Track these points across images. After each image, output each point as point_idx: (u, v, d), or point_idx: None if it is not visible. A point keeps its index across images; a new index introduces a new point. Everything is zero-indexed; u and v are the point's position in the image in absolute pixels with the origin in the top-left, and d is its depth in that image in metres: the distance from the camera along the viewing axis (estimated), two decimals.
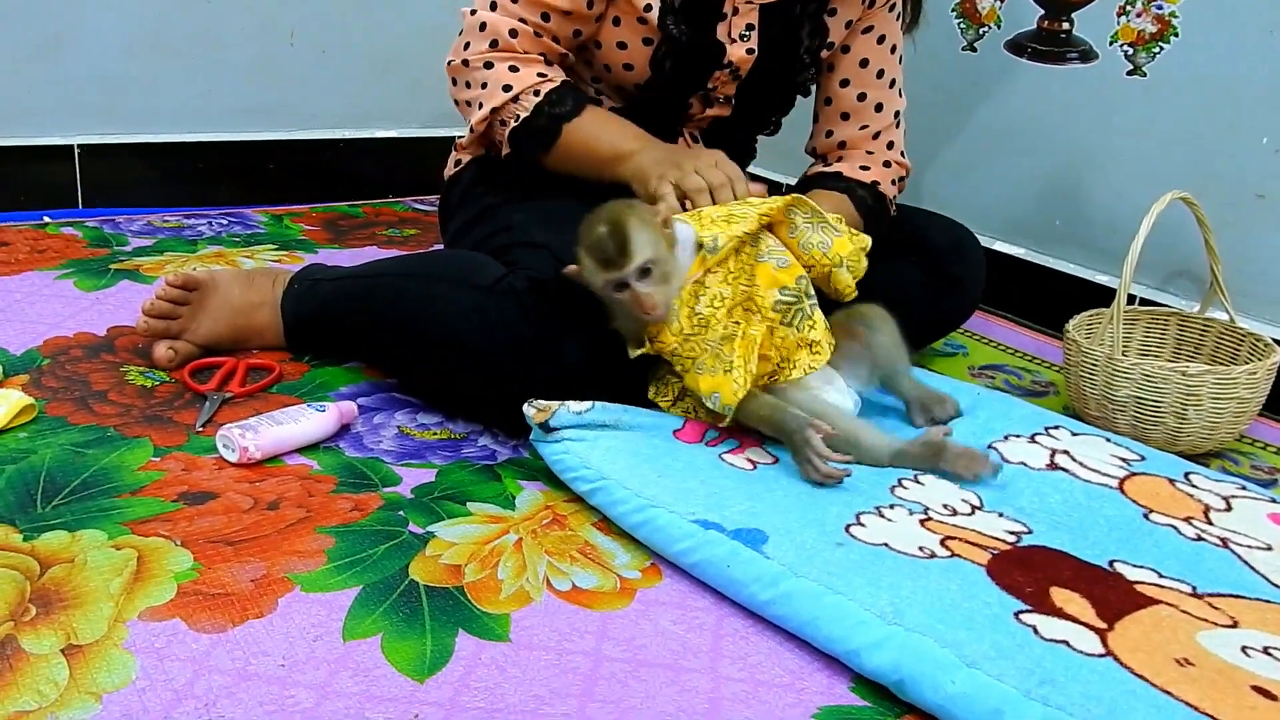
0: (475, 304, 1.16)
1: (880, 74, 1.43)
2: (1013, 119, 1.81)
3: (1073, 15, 1.70)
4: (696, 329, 1.09)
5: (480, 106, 1.31)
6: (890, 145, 1.46)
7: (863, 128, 1.44)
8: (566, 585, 0.93)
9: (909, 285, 1.43)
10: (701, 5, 1.31)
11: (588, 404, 1.09)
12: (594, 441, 1.07)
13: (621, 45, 1.33)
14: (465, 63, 1.31)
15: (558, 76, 1.30)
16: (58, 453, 1.08)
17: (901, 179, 1.48)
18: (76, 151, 1.93)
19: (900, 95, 1.46)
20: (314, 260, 1.76)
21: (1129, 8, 1.62)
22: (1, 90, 1.86)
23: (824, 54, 1.41)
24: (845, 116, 1.44)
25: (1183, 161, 1.59)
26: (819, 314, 1.14)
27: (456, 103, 1.37)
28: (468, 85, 1.33)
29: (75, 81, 1.91)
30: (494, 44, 1.29)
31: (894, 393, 1.25)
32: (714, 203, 1.16)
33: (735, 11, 1.32)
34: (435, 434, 1.20)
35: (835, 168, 1.44)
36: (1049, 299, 1.76)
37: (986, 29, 1.82)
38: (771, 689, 0.82)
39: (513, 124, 1.29)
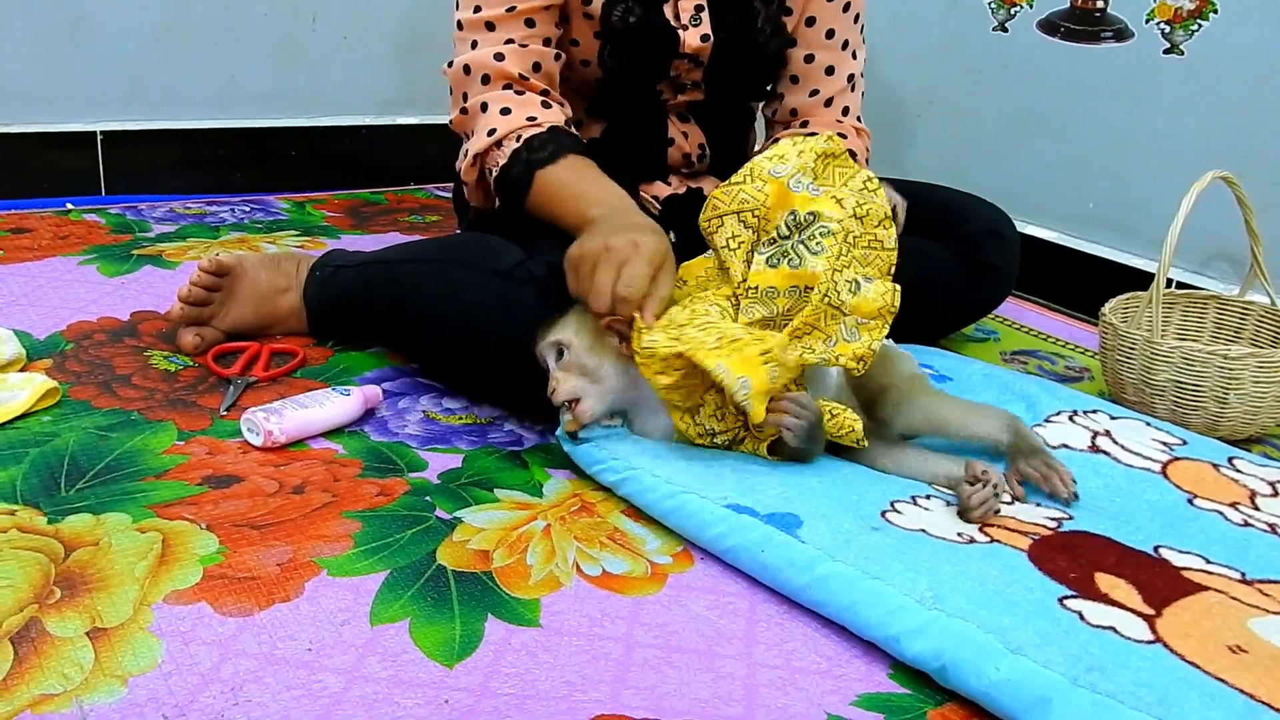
0: (494, 289, 1.14)
1: (830, 34, 1.35)
2: (1045, 100, 1.78)
3: None
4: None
5: (466, 154, 1.24)
6: (845, 111, 1.38)
7: (813, 93, 1.37)
8: (596, 570, 0.91)
9: (942, 269, 1.40)
10: None
11: (617, 421, 1.07)
12: (621, 438, 1.05)
13: (574, 42, 1.29)
14: (464, 111, 1.24)
15: (549, 119, 1.21)
16: (81, 436, 1.07)
17: (866, 149, 1.40)
18: (99, 138, 1.92)
19: (854, 57, 1.38)
20: (336, 246, 1.75)
21: None
22: (25, 76, 1.85)
23: (787, 22, 1.34)
24: (795, 80, 1.37)
25: (1221, 141, 1.56)
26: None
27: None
28: (469, 135, 1.25)
29: (98, 68, 1.91)
30: (485, 79, 1.22)
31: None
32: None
33: None
34: (460, 419, 1.18)
35: None
36: (1082, 283, 1.73)
37: (1018, 9, 1.79)
38: (808, 675, 0.80)
39: (494, 173, 1.21)
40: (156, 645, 0.77)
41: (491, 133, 1.20)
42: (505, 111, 1.21)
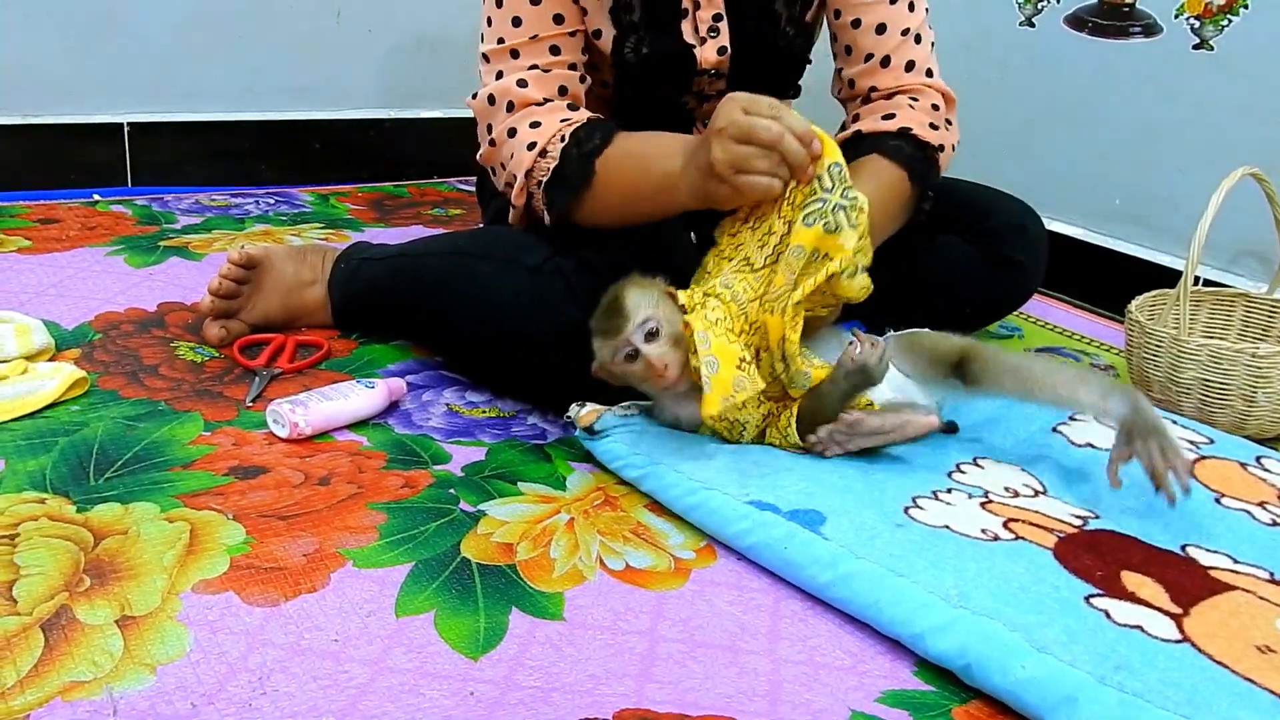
0: (522, 284, 1.14)
1: (884, 29, 1.24)
2: (1072, 95, 1.77)
3: None
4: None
5: (515, 180, 1.18)
6: (910, 66, 1.24)
7: (868, 57, 1.24)
8: (620, 565, 0.91)
9: (966, 264, 1.39)
10: (660, 11, 1.23)
11: (633, 409, 1.07)
12: (641, 431, 1.05)
13: (593, 67, 1.27)
14: (492, 143, 1.20)
15: (583, 116, 1.17)
16: (109, 426, 1.07)
17: (938, 107, 1.25)
18: (125, 130, 1.94)
19: (912, 10, 1.25)
20: (360, 239, 1.76)
21: None
22: (53, 68, 1.87)
23: (807, 17, 1.29)
24: (849, 51, 1.26)
25: (1251, 137, 1.54)
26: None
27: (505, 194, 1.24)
28: (502, 167, 1.20)
29: (125, 59, 1.92)
30: (510, 107, 1.18)
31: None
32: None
33: (697, 6, 1.23)
34: (484, 412, 1.19)
35: (853, 127, 1.25)
36: (1107, 280, 1.72)
37: (1045, 4, 1.78)
38: (833, 671, 0.80)
39: (546, 179, 1.15)
40: (184, 634, 0.78)
41: (531, 146, 1.15)
42: (535, 125, 1.17)
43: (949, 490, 1.00)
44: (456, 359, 1.29)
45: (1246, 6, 1.53)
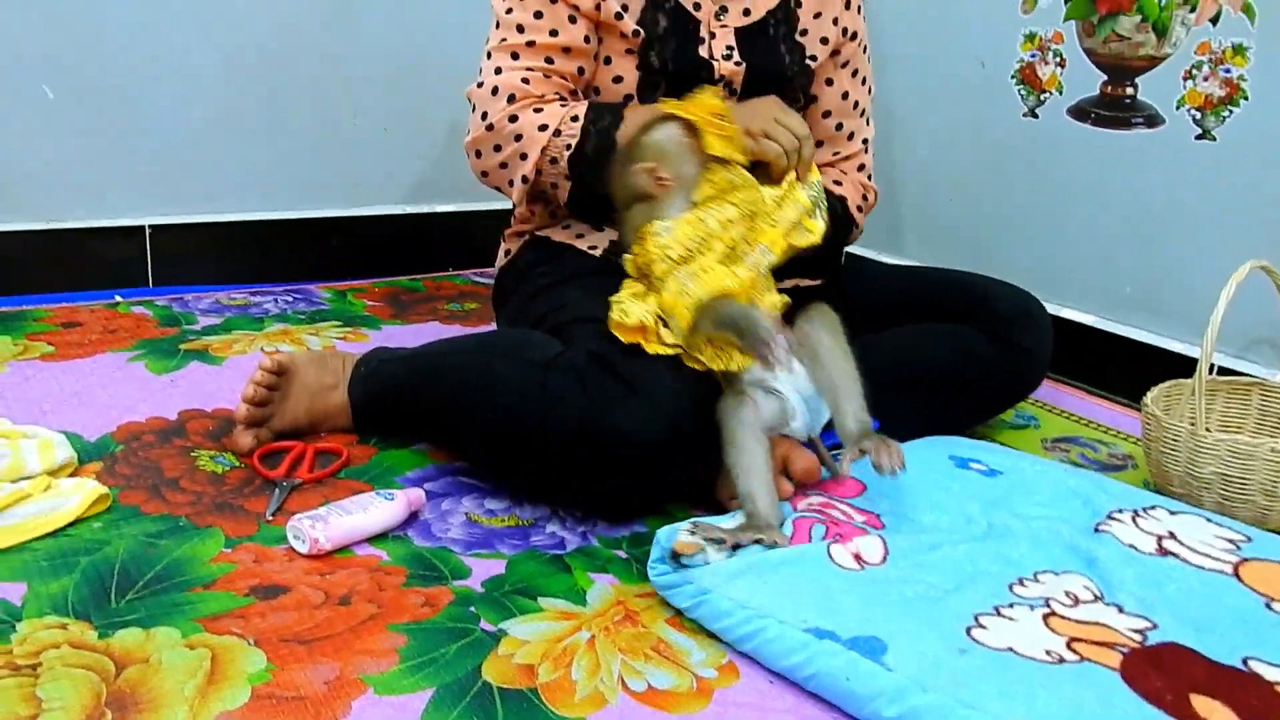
0: (536, 380, 1.16)
1: (855, 105, 1.53)
2: (1078, 184, 1.79)
3: (1136, 80, 1.68)
4: (683, 254, 1.15)
5: (524, 158, 1.33)
6: (861, 168, 1.56)
7: (835, 154, 1.54)
8: (642, 686, 0.91)
9: (975, 354, 1.40)
10: (683, 31, 1.38)
11: (723, 555, 1.03)
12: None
13: (617, 79, 1.38)
14: (490, 127, 1.34)
15: (581, 104, 1.33)
16: (131, 544, 1.08)
17: (866, 199, 1.55)
18: (147, 231, 1.97)
19: (869, 124, 1.56)
20: (378, 337, 1.78)
21: (1195, 72, 1.60)
22: (74, 172, 1.91)
23: (812, 65, 1.47)
24: (820, 144, 1.50)
25: (1256, 225, 1.56)
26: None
27: (486, 174, 1.40)
28: (497, 149, 1.35)
29: (145, 162, 1.96)
30: (511, 98, 1.33)
31: (834, 417, 1.15)
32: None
33: (713, 36, 1.39)
34: (503, 520, 1.19)
35: None
36: (1121, 366, 1.72)
37: (1048, 95, 1.81)
38: None
39: (566, 155, 1.31)
40: None
41: (543, 127, 1.31)
42: (539, 111, 1.32)
43: (1011, 605, 0.98)
44: (475, 457, 1.30)
45: (1247, 98, 1.55)
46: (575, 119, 1.31)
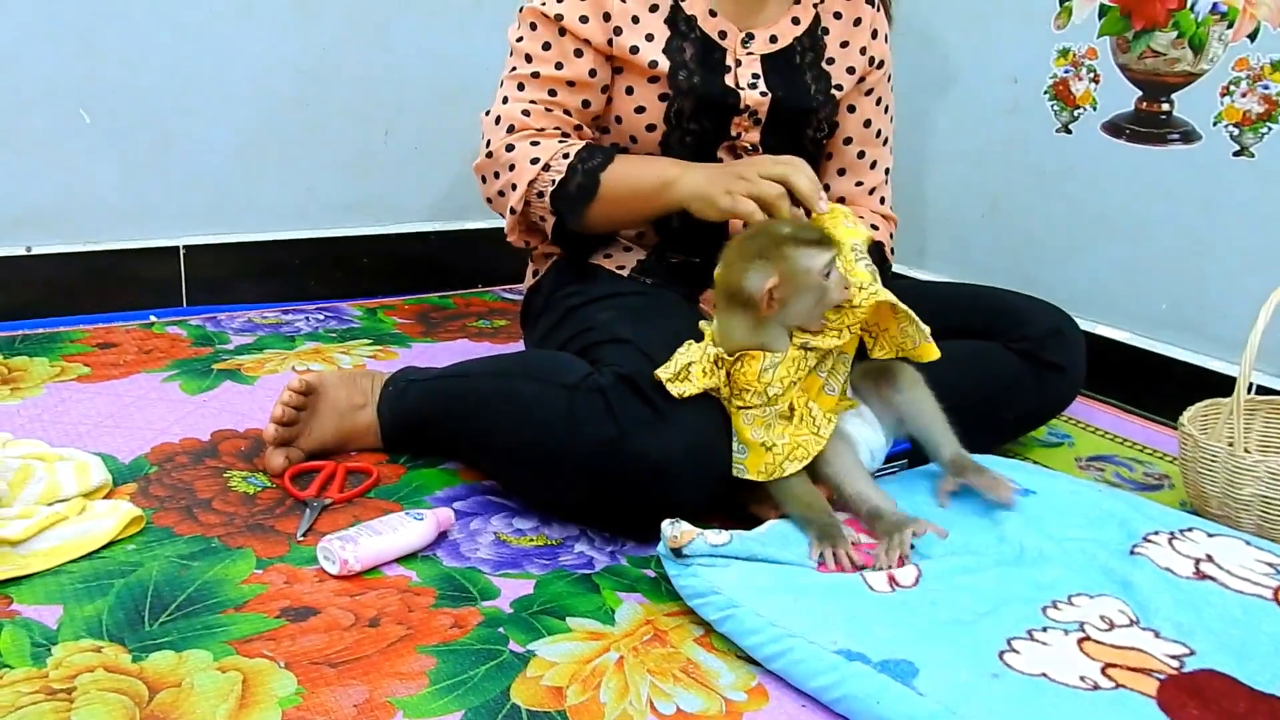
0: (563, 402, 1.16)
1: (878, 134, 1.52)
2: (1113, 201, 1.77)
3: (1172, 96, 1.66)
4: (778, 394, 1.13)
5: (514, 188, 1.34)
6: (882, 200, 1.55)
7: (858, 184, 1.53)
8: (670, 708, 0.90)
9: (1008, 371, 1.39)
10: (709, 59, 1.37)
11: (725, 536, 1.05)
12: (724, 567, 1.03)
13: (640, 110, 1.38)
14: (489, 155, 1.37)
15: (578, 143, 1.34)
16: (164, 566, 1.09)
17: (892, 234, 1.54)
18: (181, 252, 2.00)
19: (890, 152, 1.55)
20: (407, 354, 1.79)
21: (1233, 88, 1.58)
22: (111, 195, 1.94)
23: (837, 95, 1.45)
24: (842, 172, 1.52)
25: None
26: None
27: (489, 200, 1.42)
28: (495, 176, 1.38)
29: (181, 184, 1.99)
30: (510, 129, 1.36)
31: (934, 459, 1.24)
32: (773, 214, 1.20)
33: (739, 64, 1.39)
34: (531, 540, 1.19)
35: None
36: (1157, 385, 1.70)
37: (1081, 110, 1.79)
38: None
39: (550, 189, 1.32)
40: None
41: (535, 161, 1.32)
42: (535, 144, 1.34)
43: (1044, 629, 0.97)
44: (502, 479, 1.30)
45: None
46: (567, 156, 1.32)
